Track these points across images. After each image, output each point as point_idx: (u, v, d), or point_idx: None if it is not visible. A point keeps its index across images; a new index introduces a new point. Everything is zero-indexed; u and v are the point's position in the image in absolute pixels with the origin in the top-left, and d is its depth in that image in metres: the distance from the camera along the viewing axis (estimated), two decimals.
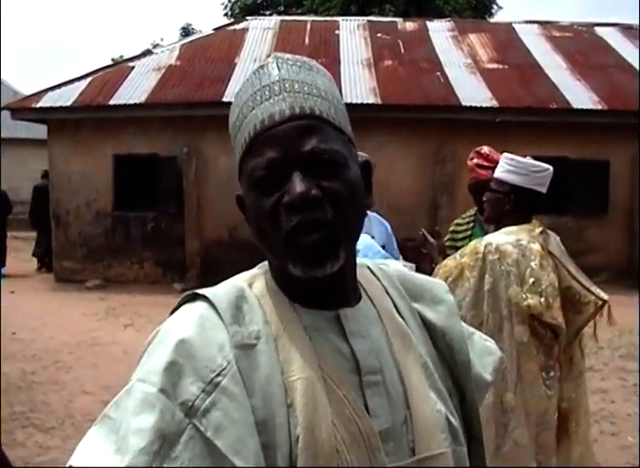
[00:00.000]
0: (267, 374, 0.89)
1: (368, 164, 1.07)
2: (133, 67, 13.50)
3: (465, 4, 25.59)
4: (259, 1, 28.95)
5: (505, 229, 3.02)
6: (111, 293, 11.50)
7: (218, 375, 0.86)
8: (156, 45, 28.88)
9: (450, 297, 1.14)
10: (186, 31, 34.42)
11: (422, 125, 12.11)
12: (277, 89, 0.95)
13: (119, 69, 13.66)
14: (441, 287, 1.16)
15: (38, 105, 12.39)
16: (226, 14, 29.54)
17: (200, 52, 14.01)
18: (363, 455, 0.90)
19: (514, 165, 3.04)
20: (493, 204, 3.14)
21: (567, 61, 13.95)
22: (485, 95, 12.46)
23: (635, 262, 12.22)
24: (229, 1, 29.52)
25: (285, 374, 0.90)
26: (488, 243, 2.96)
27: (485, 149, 3.99)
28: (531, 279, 2.86)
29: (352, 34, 15.06)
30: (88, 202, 12.70)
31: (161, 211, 12.63)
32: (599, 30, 15.68)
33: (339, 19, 16.44)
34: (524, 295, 2.84)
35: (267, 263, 1.05)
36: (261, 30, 15.13)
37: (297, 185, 0.90)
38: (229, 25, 16.27)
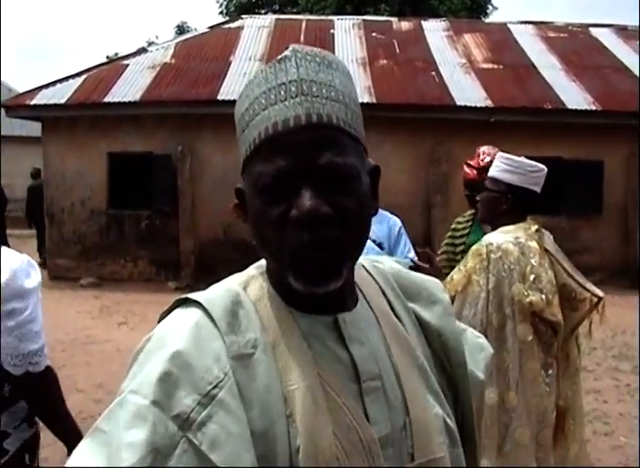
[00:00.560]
0: (266, 384, 0.87)
1: (377, 170, 1.01)
2: (127, 65, 13.45)
3: (461, 4, 25.63)
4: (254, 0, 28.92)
5: (502, 228, 3.02)
6: (105, 292, 11.46)
7: (214, 388, 0.84)
8: (151, 43, 28.89)
9: (445, 297, 1.12)
10: (181, 29, 34.37)
11: (417, 124, 12.11)
12: (294, 90, 0.89)
13: (114, 67, 13.61)
14: (436, 286, 1.14)
15: (32, 103, 12.32)
16: (222, 12, 29.55)
17: (195, 50, 13.98)
18: (363, 463, 0.89)
19: (510, 164, 3.02)
20: (488, 203, 3.12)
21: (562, 62, 13.97)
22: (480, 94, 12.47)
23: (629, 263, 12.25)
24: None
25: (284, 384, 0.88)
26: (488, 243, 2.95)
27: (481, 149, 3.97)
28: (532, 276, 2.86)
29: (347, 33, 15.05)
30: (82, 200, 12.66)
31: (156, 209, 12.60)
32: (594, 31, 15.70)
33: (334, 19, 16.40)
34: (526, 293, 2.84)
35: (264, 264, 1.02)
36: (257, 29, 15.10)
37: (306, 201, 0.85)
38: (224, 24, 16.22)
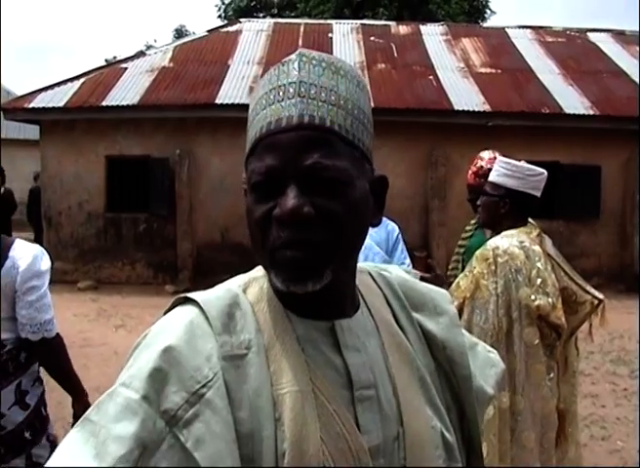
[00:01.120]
0: (256, 387, 0.86)
1: (383, 180, 1.00)
2: (126, 69, 13.46)
3: (459, 8, 25.66)
4: (252, 3, 28.95)
5: (505, 233, 3.02)
6: (103, 295, 11.45)
7: (203, 387, 0.83)
8: (149, 46, 28.93)
9: (452, 308, 1.10)
10: (180, 33, 34.43)
11: (415, 128, 12.13)
12: (292, 91, 0.90)
13: (112, 70, 13.61)
14: (444, 297, 1.12)
15: (30, 106, 12.32)
16: (220, 16, 29.59)
17: (193, 54, 13.98)
18: None
19: (509, 168, 3.03)
20: (488, 208, 3.13)
21: (559, 66, 14.00)
22: (477, 99, 12.49)
23: (626, 267, 12.27)
24: (223, 3, 29.55)
25: (274, 387, 0.87)
26: (494, 247, 2.94)
27: (482, 153, 3.94)
28: (538, 280, 2.86)
29: (345, 37, 15.08)
30: (80, 203, 12.65)
31: (153, 212, 12.59)
32: (591, 36, 15.75)
33: (332, 23, 16.43)
34: (532, 297, 2.84)
35: None
36: (255, 32, 15.13)
37: (289, 200, 0.85)
38: (223, 27, 16.24)
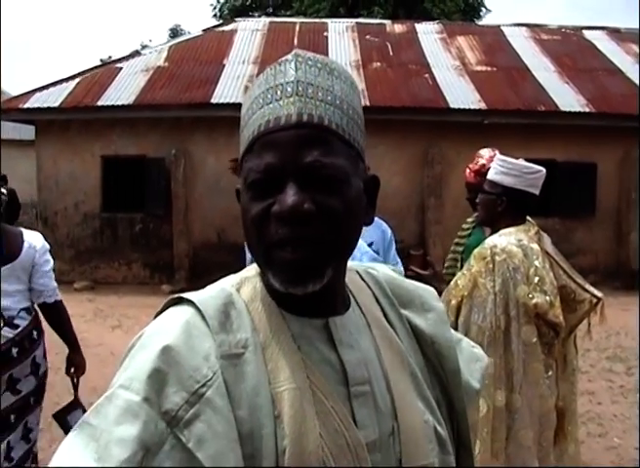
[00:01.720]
0: (254, 385, 0.87)
1: (375, 179, 1.02)
2: (121, 68, 13.45)
3: (454, 7, 25.66)
4: (247, 2, 28.92)
5: (503, 231, 3.02)
6: (99, 295, 11.44)
7: (202, 386, 0.84)
8: (145, 46, 28.77)
9: (439, 305, 1.12)
10: (175, 32, 34.35)
11: (411, 127, 12.14)
12: (290, 90, 0.90)
13: (107, 70, 13.59)
14: (430, 294, 1.13)
15: (26, 106, 12.31)
16: (215, 15, 29.53)
17: (189, 53, 13.98)
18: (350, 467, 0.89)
19: (507, 166, 3.03)
20: (485, 206, 3.13)
21: (555, 64, 14.02)
22: (473, 97, 12.50)
23: (622, 264, 12.30)
24: (218, 2, 29.50)
25: (272, 385, 0.88)
26: (492, 245, 2.94)
27: (480, 152, 3.94)
28: (536, 278, 2.86)
29: (341, 36, 15.08)
30: (76, 203, 12.63)
31: (149, 212, 12.58)
32: (587, 33, 15.78)
33: (327, 21, 16.43)
34: (530, 295, 2.84)
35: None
36: (250, 32, 15.13)
37: (289, 197, 0.86)
38: (218, 27, 16.24)
